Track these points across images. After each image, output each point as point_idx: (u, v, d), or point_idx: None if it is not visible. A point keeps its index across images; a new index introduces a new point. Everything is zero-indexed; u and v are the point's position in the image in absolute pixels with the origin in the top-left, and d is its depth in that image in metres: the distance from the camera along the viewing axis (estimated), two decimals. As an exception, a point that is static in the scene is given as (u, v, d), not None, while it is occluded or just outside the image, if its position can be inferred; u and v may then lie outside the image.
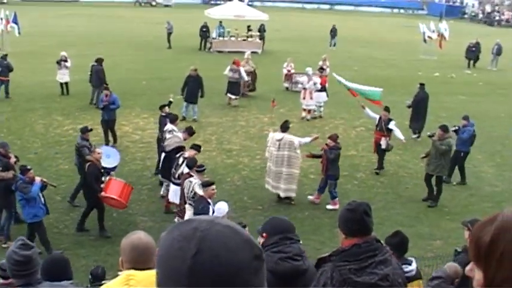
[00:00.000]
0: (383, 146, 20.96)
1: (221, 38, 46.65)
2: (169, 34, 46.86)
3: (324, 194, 18.55)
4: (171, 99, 22.13)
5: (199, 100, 26.58)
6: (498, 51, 45.65)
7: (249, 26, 47.37)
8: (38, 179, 14.73)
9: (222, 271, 1.86)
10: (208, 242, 1.89)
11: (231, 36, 46.86)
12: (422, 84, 25.77)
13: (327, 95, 27.88)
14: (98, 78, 27.64)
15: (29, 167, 14.93)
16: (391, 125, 21.05)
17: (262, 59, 39.61)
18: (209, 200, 13.55)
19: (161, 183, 18.84)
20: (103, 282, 7.33)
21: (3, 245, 14.95)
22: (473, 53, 45.39)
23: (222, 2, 64.35)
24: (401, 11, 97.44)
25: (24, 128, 24.68)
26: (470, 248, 2.06)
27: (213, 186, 13.93)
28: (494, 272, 1.96)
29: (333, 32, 53.87)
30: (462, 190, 20.21)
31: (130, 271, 3.80)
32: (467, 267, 2.08)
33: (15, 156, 16.66)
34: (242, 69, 29.82)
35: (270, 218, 6.25)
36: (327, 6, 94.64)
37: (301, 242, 5.71)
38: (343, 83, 22.39)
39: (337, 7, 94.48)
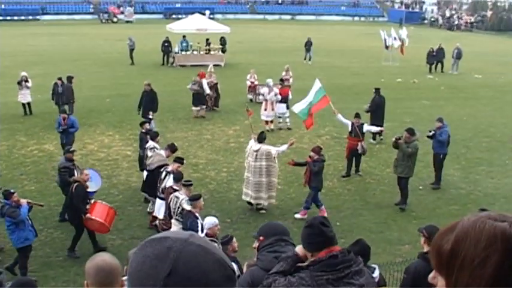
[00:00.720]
0: (360, 151, 21.17)
1: (184, 53, 46.59)
2: (131, 50, 46.70)
3: (309, 207, 18.48)
4: (150, 116, 21.99)
5: (158, 114, 26.43)
6: (458, 55, 46.17)
7: (207, 39, 47.42)
8: (23, 201, 14.53)
9: None
10: (181, 263, 1.87)
11: (193, 50, 46.82)
12: (377, 89, 26.17)
13: (287, 107, 27.69)
14: (68, 95, 27.77)
15: (12, 191, 14.68)
16: (366, 128, 21.67)
17: (225, 72, 39.69)
18: (197, 215, 13.46)
19: (147, 200, 18.77)
20: None
21: None
22: (434, 58, 45.82)
23: (184, 16, 64.25)
24: (362, 18, 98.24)
25: (-12, 150, 24.41)
26: (431, 256, 2.07)
27: (201, 200, 13.89)
28: (455, 280, 1.97)
29: (308, 46, 51.08)
30: (429, 194, 20.36)
31: None
32: (430, 275, 2.09)
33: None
34: (204, 81, 29.84)
35: (266, 223, 6.35)
36: (288, 17, 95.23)
37: (294, 244, 5.75)
38: (305, 108, 22.15)
39: (298, 17, 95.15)
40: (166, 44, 46.51)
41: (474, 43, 65.63)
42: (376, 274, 9.05)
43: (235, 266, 10.40)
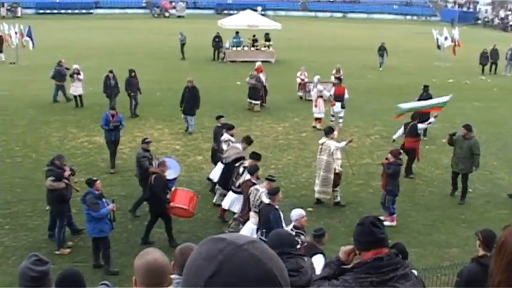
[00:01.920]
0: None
1: (235, 48, 46.65)
2: (182, 45, 46.92)
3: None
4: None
5: (207, 110, 26.56)
6: (512, 57, 45.50)
7: (254, 36, 47.38)
8: (110, 207, 14.71)
9: None
10: (226, 268, 1.87)
11: (244, 47, 46.86)
12: (426, 86, 26.53)
13: (342, 106, 27.39)
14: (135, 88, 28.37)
15: (95, 178, 15.04)
16: (421, 127, 21.92)
17: (275, 68, 39.67)
18: (277, 207, 13.66)
19: (212, 191, 19.26)
20: None
21: (56, 252, 15.35)
22: (487, 59, 45.15)
23: (235, 12, 64.31)
24: (415, 17, 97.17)
25: (40, 141, 24.76)
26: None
27: (280, 193, 14.08)
28: None
29: (382, 51, 46.28)
30: (478, 197, 20.07)
31: None
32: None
33: (71, 169, 16.74)
34: (261, 75, 29.99)
35: (274, 232, 6.22)
36: (339, 15, 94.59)
37: (304, 256, 5.65)
38: (410, 108, 22.53)
39: (349, 15, 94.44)
40: (217, 40, 46.64)
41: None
42: None
43: (320, 260, 10.37)
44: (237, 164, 16.93)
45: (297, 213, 12.81)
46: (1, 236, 16.32)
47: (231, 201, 16.79)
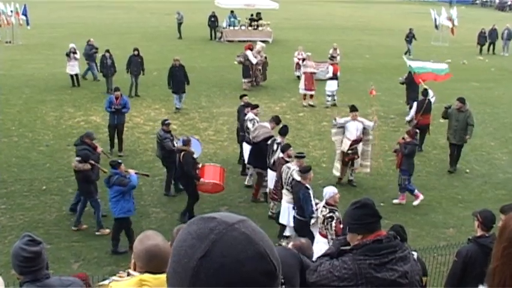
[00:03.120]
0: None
1: (232, 28, 46.49)
2: (179, 24, 46.76)
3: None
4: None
5: (204, 89, 26.49)
6: (508, 36, 45.40)
7: (252, 15, 47.24)
8: (131, 171, 14.84)
9: (224, 280, 1.81)
10: (218, 247, 1.83)
11: (241, 26, 46.70)
12: None
13: (338, 84, 27.62)
14: (138, 67, 28.27)
15: (119, 161, 14.92)
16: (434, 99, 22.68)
17: (272, 48, 39.51)
18: (307, 185, 13.76)
19: (244, 173, 19.41)
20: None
21: (97, 233, 15.47)
22: (484, 39, 45.09)
23: (233, -9, 64.08)
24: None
25: (36, 120, 24.70)
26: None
27: (311, 172, 14.23)
28: None
29: (409, 38, 43.38)
30: (475, 178, 20.06)
31: (143, 275, 3.75)
32: None
33: (101, 150, 17.07)
34: (249, 52, 29.86)
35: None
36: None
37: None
38: (412, 66, 23.41)
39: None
40: (212, 19, 46.49)
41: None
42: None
43: None
44: (269, 142, 17.00)
45: (330, 190, 12.88)
46: (-3, 215, 16.31)
47: (271, 179, 16.84)
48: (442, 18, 46.57)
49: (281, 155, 15.83)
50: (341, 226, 11.63)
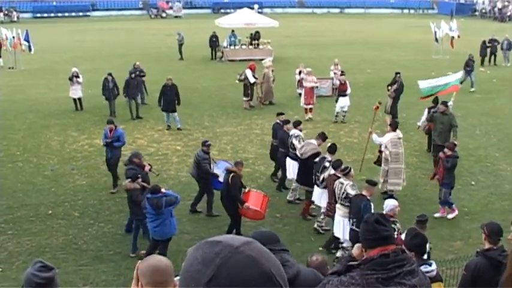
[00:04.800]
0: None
1: (232, 47, 46.61)
2: (180, 45, 46.87)
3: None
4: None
5: (207, 109, 26.56)
6: (508, 46, 45.40)
7: (251, 34, 47.36)
8: (163, 190, 14.75)
9: None
10: (224, 271, 1.86)
11: (242, 45, 46.82)
12: (398, 73, 27.85)
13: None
14: (133, 89, 28.45)
15: (158, 186, 14.93)
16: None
17: (274, 66, 39.57)
18: (369, 198, 14.24)
19: (282, 188, 19.93)
20: None
21: (131, 255, 15.52)
22: (485, 50, 45.10)
23: (232, 11, 64.29)
24: (412, 11, 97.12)
25: (40, 145, 24.76)
26: None
27: (375, 187, 14.97)
28: None
29: (470, 66, 36.41)
30: (481, 189, 20.02)
31: None
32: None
33: (149, 164, 17.25)
34: (248, 71, 30.03)
35: (252, 233, 6.21)
36: (337, 10, 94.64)
37: (288, 250, 5.61)
38: (429, 87, 23.19)
39: (347, 10, 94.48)
40: (213, 39, 46.59)
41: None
42: (433, 267, 9.18)
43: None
44: (316, 159, 17.18)
45: (391, 203, 13.41)
46: (4, 241, 16.30)
47: (318, 196, 17.10)
48: (442, 30, 46.61)
49: (332, 171, 16.10)
50: (402, 237, 11.87)
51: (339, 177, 15.52)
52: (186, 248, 11.86)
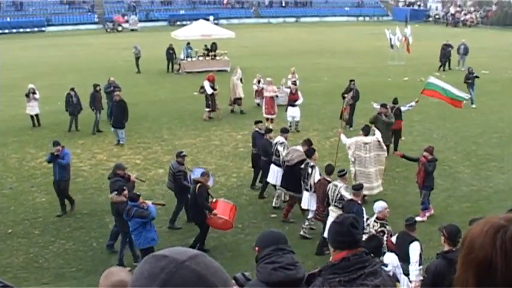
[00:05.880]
0: None
1: (189, 59, 46.56)
2: (137, 59, 46.61)
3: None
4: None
5: (166, 122, 26.51)
6: (465, 51, 45.98)
7: (206, 46, 47.47)
8: (148, 202, 14.93)
9: None
10: (169, 286, 1.86)
11: (199, 57, 46.79)
12: (353, 80, 28.39)
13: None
14: (98, 102, 28.40)
15: (138, 194, 15.17)
16: (404, 109, 24.33)
17: (230, 77, 39.63)
18: (359, 202, 14.57)
19: (261, 196, 20.10)
20: None
21: (134, 264, 15.39)
22: (445, 56, 45.59)
23: (188, 23, 64.23)
24: (367, 18, 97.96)
25: (-3, 163, 24.48)
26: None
27: (363, 190, 15.38)
28: None
29: (470, 79, 34.55)
30: (440, 192, 20.19)
31: None
32: None
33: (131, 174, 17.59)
34: (205, 83, 30.04)
35: (262, 232, 6.25)
36: (292, 19, 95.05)
37: (294, 252, 5.67)
38: (435, 83, 23.42)
39: (302, 19, 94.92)
40: (170, 51, 46.46)
41: (480, 39, 65.36)
42: (388, 269, 9.25)
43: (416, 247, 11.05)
44: (302, 166, 17.42)
45: (380, 205, 13.79)
46: (-36, 262, 16.09)
47: (308, 200, 17.25)
48: (398, 37, 47.10)
49: (318, 176, 16.63)
50: (392, 239, 12.67)
51: (329, 181, 15.94)
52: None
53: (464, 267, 2.10)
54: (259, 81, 31.97)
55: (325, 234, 15.51)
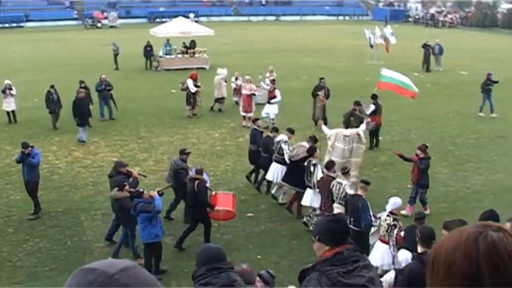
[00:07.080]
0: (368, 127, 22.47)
1: (168, 56, 46.40)
2: (115, 55, 46.41)
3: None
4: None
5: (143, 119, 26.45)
6: (440, 51, 46.29)
7: (184, 43, 47.48)
8: (153, 193, 14.98)
9: None
10: None
11: (178, 54, 46.65)
12: (322, 78, 28.98)
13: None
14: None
15: (141, 190, 15.23)
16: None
17: (210, 74, 39.43)
18: (364, 197, 14.79)
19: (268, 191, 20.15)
20: None
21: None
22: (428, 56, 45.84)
23: (168, 20, 63.99)
24: (347, 17, 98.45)
25: (-28, 160, 24.22)
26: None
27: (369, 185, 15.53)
28: None
29: (488, 85, 31.42)
30: (417, 192, 20.26)
31: None
32: None
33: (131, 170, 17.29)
34: (189, 81, 29.98)
35: (200, 249, 6.14)
36: (272, 18, 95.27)
37: (233, 268, 5.58)
38: (382, 74, 24.16)
39: (282, 18, 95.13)
40: (148, 49, 46.29)
41: (459, 40, 65.82)
42: None
43: None
44: (305, 163, 17.69)
45: (396, 201, 14.13)
46: None
47: (311, 198, 17.44)
48: (376, 37, 47.27)
49: (325, 172, 16.80)
50: (402, 234, 13.07)
51: (334, 178, 16.16)
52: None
53: (446, 284, 2.03)
54: (236, 79, 31.88)
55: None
